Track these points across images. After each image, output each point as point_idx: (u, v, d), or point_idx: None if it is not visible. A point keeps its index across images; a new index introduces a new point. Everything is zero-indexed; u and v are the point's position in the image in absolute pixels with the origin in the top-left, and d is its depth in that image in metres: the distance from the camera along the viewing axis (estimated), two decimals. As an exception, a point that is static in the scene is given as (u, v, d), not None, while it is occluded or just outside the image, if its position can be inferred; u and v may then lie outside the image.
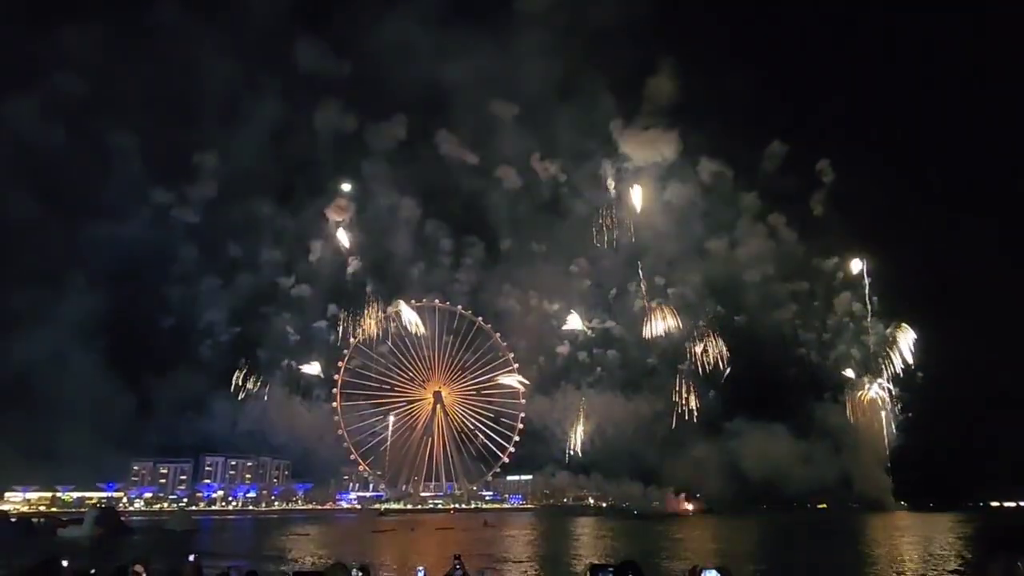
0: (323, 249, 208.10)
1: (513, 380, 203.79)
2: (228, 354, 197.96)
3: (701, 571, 8.92)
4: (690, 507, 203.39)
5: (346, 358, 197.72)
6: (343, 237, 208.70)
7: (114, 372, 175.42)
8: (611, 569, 9.50)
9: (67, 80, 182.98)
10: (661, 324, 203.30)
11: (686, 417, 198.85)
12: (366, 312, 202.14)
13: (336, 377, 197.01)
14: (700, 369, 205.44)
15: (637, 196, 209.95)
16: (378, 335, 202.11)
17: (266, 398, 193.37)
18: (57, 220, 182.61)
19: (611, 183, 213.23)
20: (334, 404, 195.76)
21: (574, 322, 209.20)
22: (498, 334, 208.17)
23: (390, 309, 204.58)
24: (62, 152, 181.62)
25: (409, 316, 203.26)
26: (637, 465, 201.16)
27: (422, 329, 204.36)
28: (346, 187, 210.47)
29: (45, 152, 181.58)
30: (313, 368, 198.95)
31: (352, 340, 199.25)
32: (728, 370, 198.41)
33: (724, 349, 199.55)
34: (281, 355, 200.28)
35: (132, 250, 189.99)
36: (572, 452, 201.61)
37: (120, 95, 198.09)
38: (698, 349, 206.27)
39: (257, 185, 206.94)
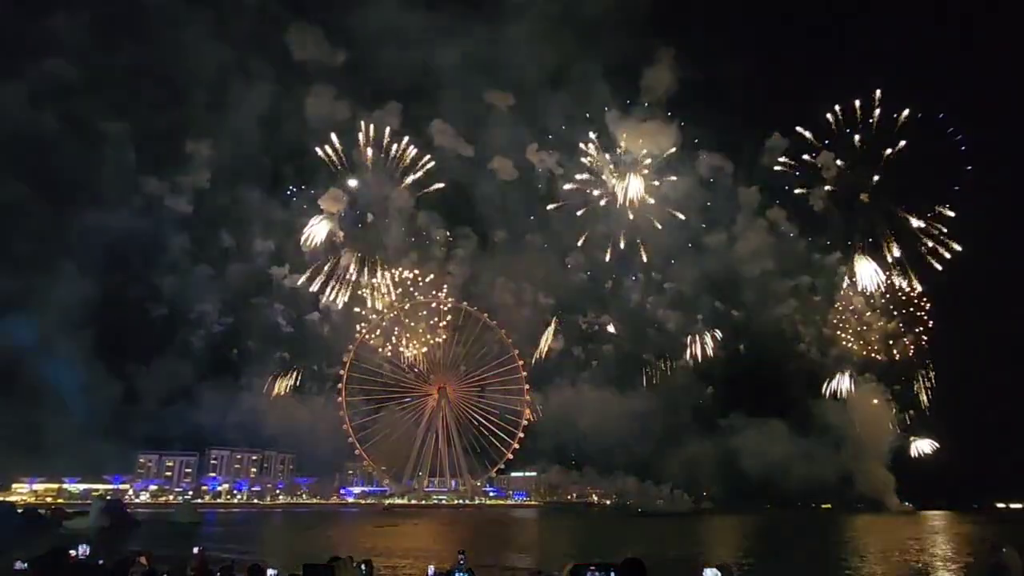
0: (316, 239, 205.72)
1: (524, 404, 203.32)
2: (220, 345, 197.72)
3: (702, 570, 8.91)
4: (694, 505, 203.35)
5: (351, 353, 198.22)
6: (336, 228, 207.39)
7: (103, 361, 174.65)
8: (593, 567, 9.44)
9: (58, 66, 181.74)
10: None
11: (680, 412, 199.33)
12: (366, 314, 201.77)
13: (341, 372, 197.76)
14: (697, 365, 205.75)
15: (634, 189, 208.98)
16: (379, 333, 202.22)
17: (264, 390, 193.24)
18: (47, 207, 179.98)
19: (608, 175, 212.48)
20: (339, 399, 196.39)
21: None
22: (508, 336, 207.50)
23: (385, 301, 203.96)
24: (53, 139, 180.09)
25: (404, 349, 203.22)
26: (631, 461, 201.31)
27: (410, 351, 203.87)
28: (352, 182, 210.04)
29: (36, 138, 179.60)
30: (286, 383, 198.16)
31: (357, 336, 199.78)
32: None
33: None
34: (274, 347, 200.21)
35: (123, 239, 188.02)
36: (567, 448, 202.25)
37: (111, 81, 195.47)
38: (696, 346, 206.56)
39: (249, 174, 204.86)
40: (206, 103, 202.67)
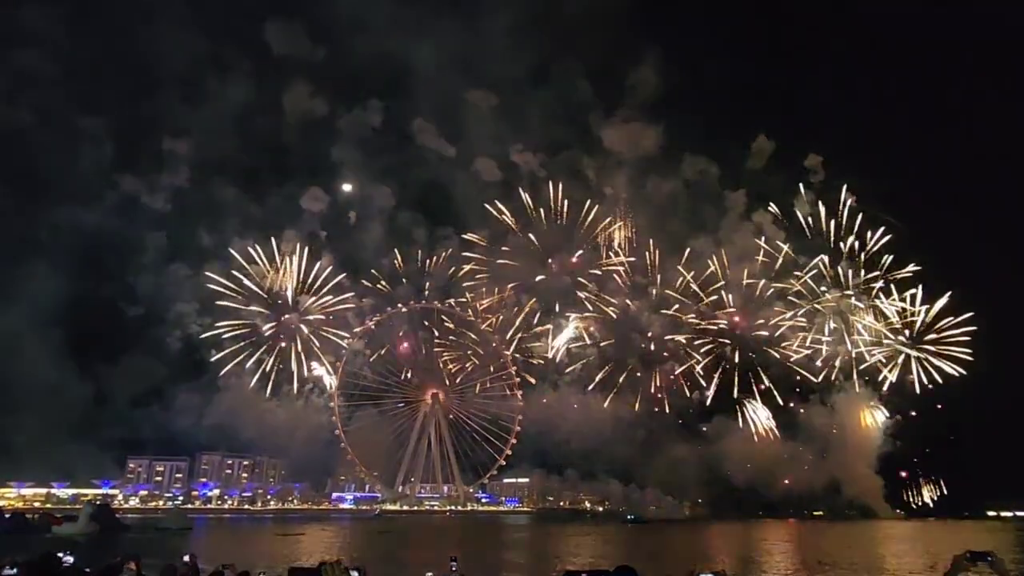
0: (296, 238, 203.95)
1: (514, 400, 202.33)
2: (198, 346, 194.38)
3: (698, 574, 8.94)
4: (688, 512, 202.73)
5: (344, 359, 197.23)
6: (316, 228, 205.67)
7: (75, 362, 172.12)
8: (586, 574, 9.45)
9: (33, 59, 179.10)
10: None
11: (665, 415, 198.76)
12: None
13: (335, 377, 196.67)
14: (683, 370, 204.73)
15: (619, 191, 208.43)
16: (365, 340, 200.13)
17: (242, 393, 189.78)
18: (20, 203, 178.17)
19: (591, 177, 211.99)
20: (331, 404, 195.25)
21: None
22: (497, 337, 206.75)
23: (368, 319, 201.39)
24: (27, 133, 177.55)
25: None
26: (614, 466, 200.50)
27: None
28: (347, 187, 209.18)
29: (9, 133, 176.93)
30: (264, 386, 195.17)
31: (350, 341, 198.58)
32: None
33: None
34: (253, 349, 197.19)
35: (98, 236, 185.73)
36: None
37: (87, 74, 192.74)
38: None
39: (227, 172, 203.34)
40: (183, 97, 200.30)
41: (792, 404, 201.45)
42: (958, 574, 7.04)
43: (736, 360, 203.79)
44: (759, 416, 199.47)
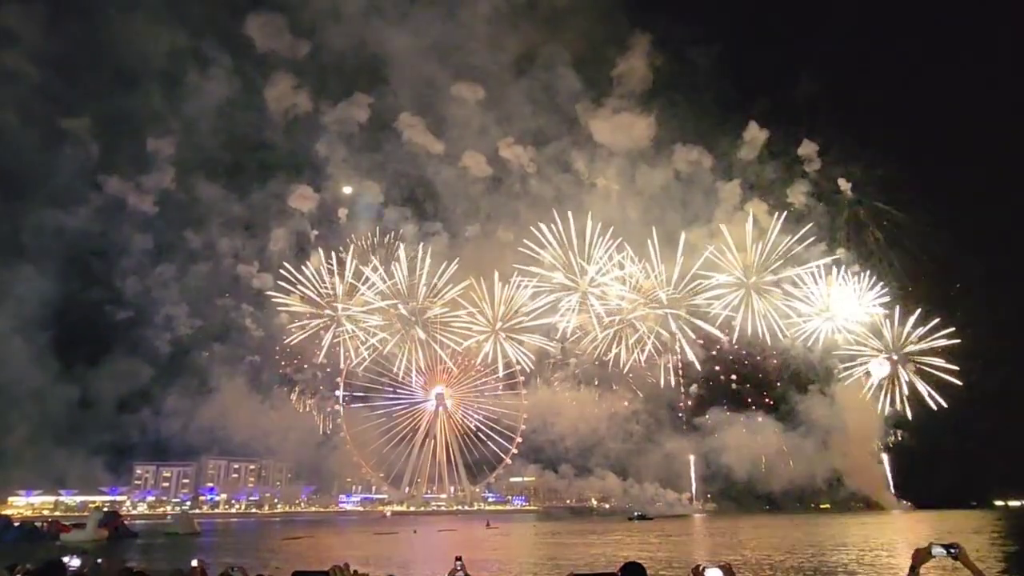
0: (284, 238, 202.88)
1: (517, 398, 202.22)
2: (188, 348, 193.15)
3: (704, 570, 8.97)
4: (694, 508, 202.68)
5: (349, 360, 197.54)
6: (306, 227, 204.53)
7: (62, 365, 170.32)
8: None
9: (12, 59, 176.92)
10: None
11: (661, 408, 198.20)
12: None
13: (339, 379, 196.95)
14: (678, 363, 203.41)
15: (610, 183, 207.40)
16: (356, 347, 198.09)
17: (234, 395, 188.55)
18: (4, 206, 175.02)
19: (581, 170, 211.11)
20: (337, 406, 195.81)
21: None
22: (494, 335, 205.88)
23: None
24: (9, 135, 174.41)
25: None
26: (609, 461, 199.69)
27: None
28: (347, 189, 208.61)
29: None
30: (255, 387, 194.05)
31: (350, 343, 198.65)
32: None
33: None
34: (243, 351, 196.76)
35: (83, 239, 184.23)
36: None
37: (68, 75, 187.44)
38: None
39: (211, 170, 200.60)
40: (164, 95, 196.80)
41: (791, 395, 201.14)
42: (921, 567, 7.02)
43: (732, 350, 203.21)
44: (757, 408, 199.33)
